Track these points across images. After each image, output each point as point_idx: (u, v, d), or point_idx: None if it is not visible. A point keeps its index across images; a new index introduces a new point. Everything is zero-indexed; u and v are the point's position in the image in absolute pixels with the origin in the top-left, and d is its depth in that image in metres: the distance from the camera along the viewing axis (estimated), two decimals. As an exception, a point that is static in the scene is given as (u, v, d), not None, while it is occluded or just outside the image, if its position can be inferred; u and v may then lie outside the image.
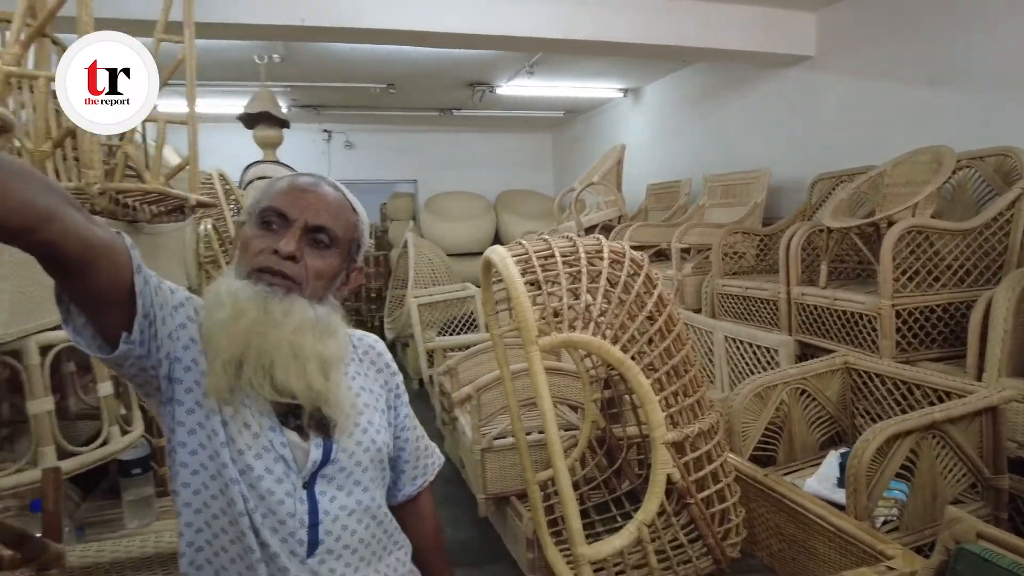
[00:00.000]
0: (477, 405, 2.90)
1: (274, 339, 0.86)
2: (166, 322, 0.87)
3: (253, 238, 0.92)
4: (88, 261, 0.73)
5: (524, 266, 1.73)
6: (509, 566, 2.74)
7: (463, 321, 5.28)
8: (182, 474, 0.89)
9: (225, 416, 0.88)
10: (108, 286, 0.77)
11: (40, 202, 0.65)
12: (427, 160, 8.12)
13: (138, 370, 0.86)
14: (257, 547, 0.87)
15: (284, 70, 4.78)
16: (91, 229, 0.73)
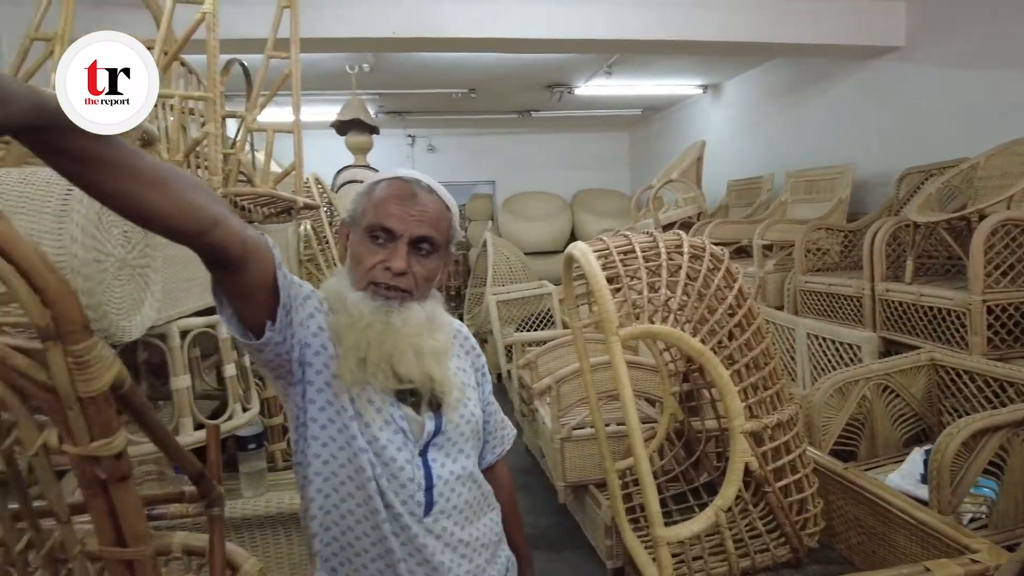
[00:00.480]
0: (556, 396, 3.01)
1: (396, 343, 0.99)
2: (298, 312, 1.00)
3: (364, 252, 1.03)
4: (243, 259, 0.85)
5: (605, 261, 1.82)
6: (587, 553, 2.84)
7: (540, 317, 5.39)
8: (313, 446, 1.02)
9: (352, 394, 1.00)
10: (258, 280, 0.89)
11: (210, 210, 0.77)
12: (505, 161, 8.29)
13: (274, 355, 0.99)
14: (383, 508, 1.00)
15: (373, 78, 5.04)
16: (246, 231, 0.86)
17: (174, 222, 0.72)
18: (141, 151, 0.71)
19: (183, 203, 0.72)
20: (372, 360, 0.99)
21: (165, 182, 0.70)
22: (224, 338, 1.78)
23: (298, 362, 1.01)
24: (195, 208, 0.74)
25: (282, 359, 0.99)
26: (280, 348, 0.97)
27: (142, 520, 0.61)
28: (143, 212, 0.69)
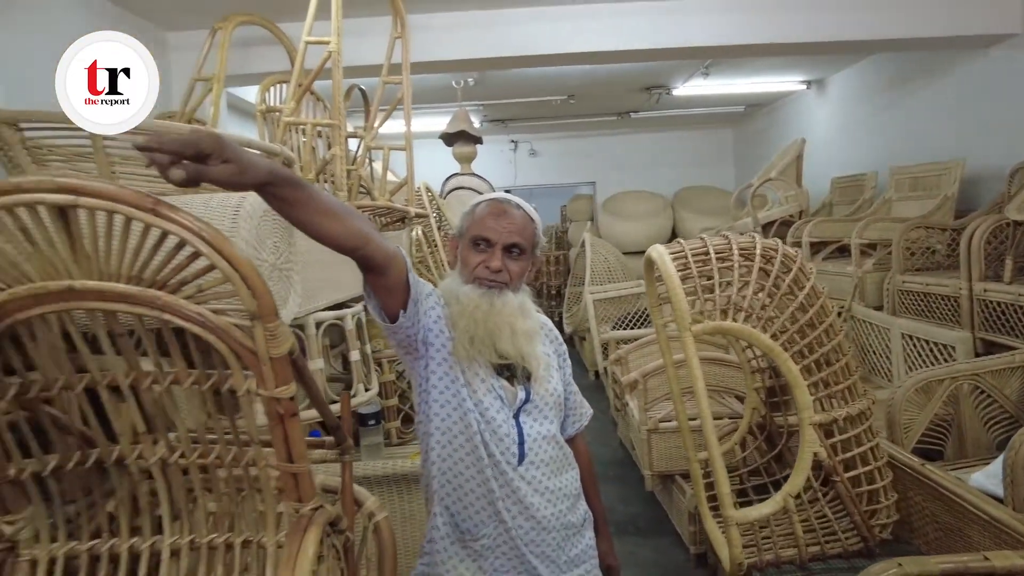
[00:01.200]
0: (643, 390, 3.18)
1: (497, 322, 1.28)
2: (423, 304, 1.29)
3: (470, 256, 1.34)
4: (386, 266, 1.14)
5: (680, 262, 1.99)
6: (673, 539, 2.99)
7: (637, 316, 5.52)
8: (433, 407, 1.31)
9: (463, 367, 1.30)
10: (395, 281, 1.19)
11: (364, 231, 1.07)
12: (605, 162, 8.43)
13: (405, 336, 1.28)
14: (486, 456, 1.28)
15: (477, 91, 5.39)
16: (387, 246, 1.16)
17: (341, 241, 1.02)
18: (323, 192, 1.01)
19: (348, 228, 1.02)
20: (479, 338, 1.28)
21: (337, 214, 1.00)
22: (350, 329, 2.11)
23: (422, 342, 1.30)
24: (355, 231, 1.04)
25: (411, 339, 1.29)
26: (410, 331, 1.27)
27: (303, 445, 0.90)
28: (322, 234, 0.99)
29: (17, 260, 0.77)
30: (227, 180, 0.79)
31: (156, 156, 0.73)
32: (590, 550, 1.43)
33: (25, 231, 0.75)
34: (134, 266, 0.79)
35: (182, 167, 0.75)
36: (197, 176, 0.76)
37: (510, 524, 1.29)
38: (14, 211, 0.73)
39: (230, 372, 0.87)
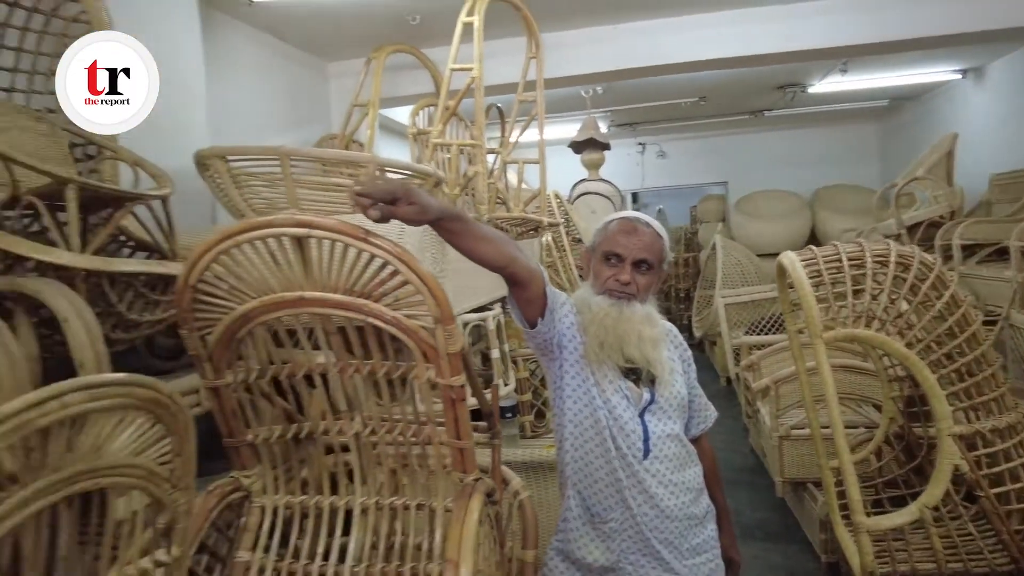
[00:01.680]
0: (775, 396, 3.16)
1: (625, 329, 1.41)
2: (558, 312, 1.46)
3: (602, 270, 1.47)
4: (528, 280, 1.32)
5: (812, 269, 2.02)
6: (803, 547, 2.97)
7: (772, 321, 5.38)
8: (567, 402, 1.46)
9: (593, 369, 1.44)
10: (535, 293, 1.36)
11: (511, 251, 1.27)
12: (737, 161, 8.22)
13: (542, 340, 1.46)
14: (614, 449, 1.42)
15: (605, 98, 5.52)
16: (530, 263, 1.35)
17: (494, 261, 1.23)
18: (479, 223, 1.21)
19: (499, 250, 1.23)
20: (608, 344, 1.42)
21: (490, 239, 1.21)
22: (491, 329, 2.34)
23: (557, 345, 1.47)
24: (504, 253, 1.25)
25: (547, 343, 1.46)
26: (547, 336, 1.44)
27: (469, 426, 1.10)
28: (480, 257, 1.20)
29: (265, 276, 1.04)
30: (412, 218, 1.04)
31: (361, 200, 0.97)
32: (712, 541, 1.52)
33: (272, 255, 1.01)
34: (348, 280, 1.02)
35: (378, 208, 0.98)
36: (390, 215, 1.00)
37: (636, 511, 1.42)
38: (266, 241, 0.99)
39: (414, 364, 1.09)
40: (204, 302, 1.06)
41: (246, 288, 1.05)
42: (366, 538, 1.22)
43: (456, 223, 1.14)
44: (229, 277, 1.03)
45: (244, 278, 1.04)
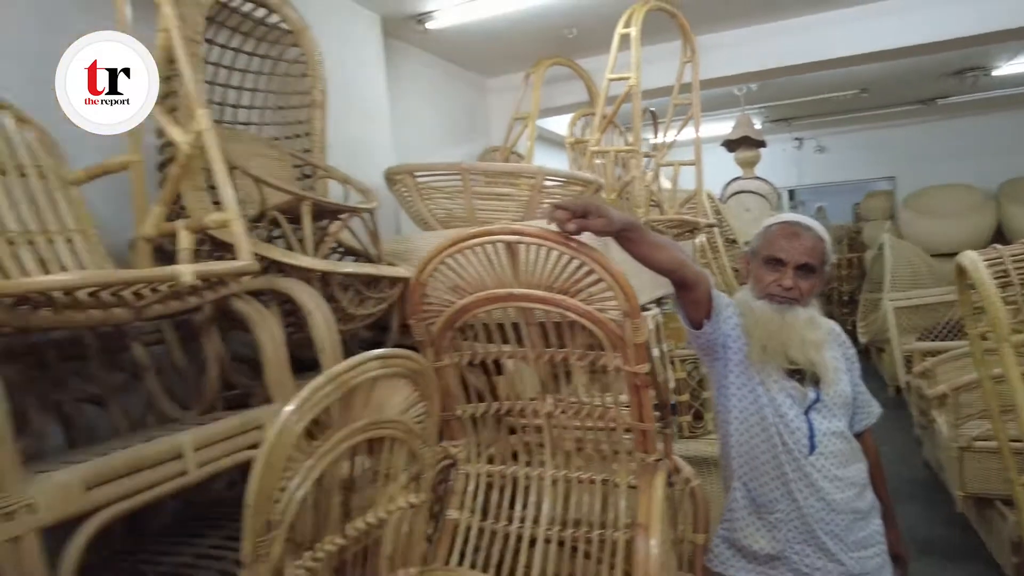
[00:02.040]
0: (954, 404, 2.97)
1: (788, 334, 1.44)
2: (722, 314, 1.53)
3: (763, 274, 1.50)
4: (696, 283, 1.41)
5: (998, 269, 1.93)
6: (987, 567, 2.76)
7: (948, 326, 4.96)
8: (732, 400, 1.52)
9: (757, 368, 1.49)
10: (701, 296, 1.43)
11: (680, 257, 1.38)
12: (906, 154, 7.60)
13: (706, 341, 1.52)
14: (780, 444, 1.46)
15: (760, 94, 5.37)
16: (696, 268, 1.44)
17: (665, 266, 1.35)
18: (652, 232, 1.34)
19: (671, 256, 1.35)
20: (771, 347, 1.47)
21: (663, 247, 1.34)
22: (651, 329, 2.44)
23: (722, 346, 1.53)
24: (675, 258, 1.36)
25: (712, 344, 1.53)
26: (711, 337, 1.51)
27: (651, 410, 1.23)
28: (653, 262, 1.32)
29: (481, 275, 1.23)
30: (601, 229, 1.19)
31: (558, 214, 1.14)
32: (877, 535, 1.53)
33: (488, 258, 1.21)
34: (550, 279, 1.20)
35: (575, 221, 1.14)
36: (583, 228, 1.16)
37: (802, 503, 1.45)
38: (484, 246, 1.19)
39: (604, 353, 1.24)
40: (429, 297, 1.29)
41: (464, 285, 1.26)
42: (556, 506, 1.39)
43: (635, 232, 1.27)
44: (452, 276, 1.24)
45: (464, 277, 1.25)
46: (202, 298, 1.36)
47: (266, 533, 0.77)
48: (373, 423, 0.92)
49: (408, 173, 2.49)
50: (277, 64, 2.35)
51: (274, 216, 1.86)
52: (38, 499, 0.97)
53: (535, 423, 1.45)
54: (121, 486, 1.09)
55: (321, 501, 0.88)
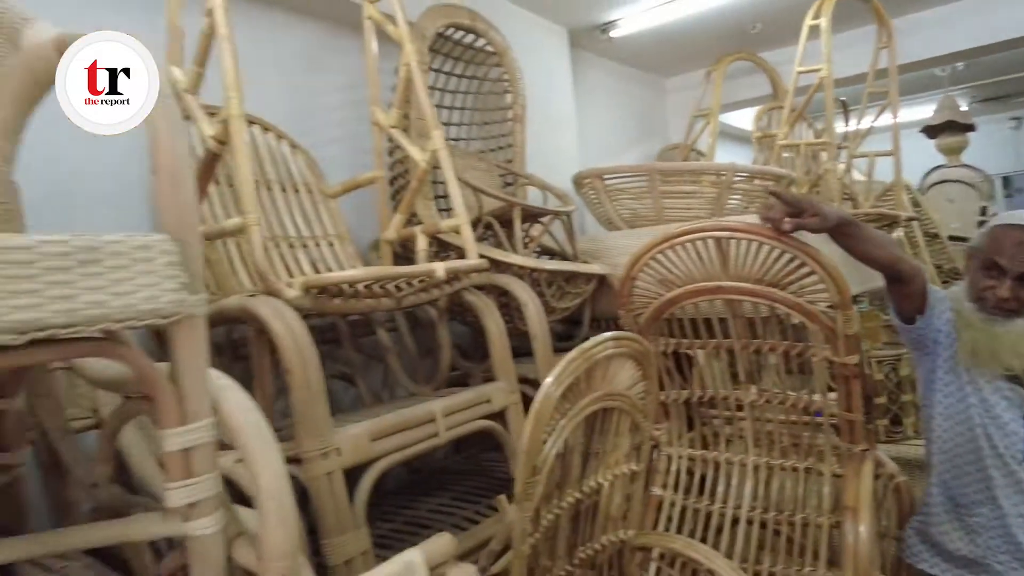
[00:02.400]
0: None
1: (999, 344, 1.36)
2: (936, 309, 1.48)
3: (979, 278, 1.40)
4: (912, 277, 1.39)
5: None
6: None
7: None
8: (938, 396, 1.47)
9: (967, 367, 1.42)
10: (916, 289, 1.41)
11: (896, 252, 1.38)
12: None
13: (917, 336, 1.48)
14: (987, 447, 1.39)
15: (966, 74, 4.87)
16: (912, 263, 1.41)
17: (883, 261, 1.36)
18: (868, 227, 1.35)
19: (888, 251, 1.36)
20: (980, 353, 1.38)
21: (880, 243, 1.35)
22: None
23: (933, 341, 1.49)
24: (892, 253, 1.37)
25: (923, 339, 1.49)
26: (922, 331, 1.48)
27: (859, 400, 1.27)
28: (871, 258, 1.34)
29: (690, 269, 1.35)
30: (816, 227, 1.24)
31: (772, 214, 1.21)
32: None
33: (698, 253, 1.31)
34: (760, 272, 1.28)
35: (788, 221, 1.20)
36: (798, 226, 1.21)
37: (1008, 511, 1.37)
38: (695, 243, 1.30)
39: (812, 344, 1.29)
40: (638, 289, 1.42)
41: (673, 279, 1.37)
42: (757, 490, 1.46)
43: (851, 228, 1.29)
44: (661, 270, 1.37)
45: (672, 271, 1.36)
46: (443, 291, 1.60)
47: (532, 477, 0.94)
48: (608, 394, 1.07)
49: (597, 176, 2.64)
50: (483, 83, 2.62)
51: (489, 220, 2.10)
52: (342, 445, 1.25)
53: (735, 414, 1.53)
54: (394, 441, 1.35)
55: (566, 458, 1.05)
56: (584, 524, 1.17)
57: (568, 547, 1.12)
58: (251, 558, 0.79)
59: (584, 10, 3.11)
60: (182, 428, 0.70)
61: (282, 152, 1.94)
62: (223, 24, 1.27)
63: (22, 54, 0.78)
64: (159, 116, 0.70)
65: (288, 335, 1.20)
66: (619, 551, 1.23)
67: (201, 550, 0.76)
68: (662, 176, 2.46)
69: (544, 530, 1.01)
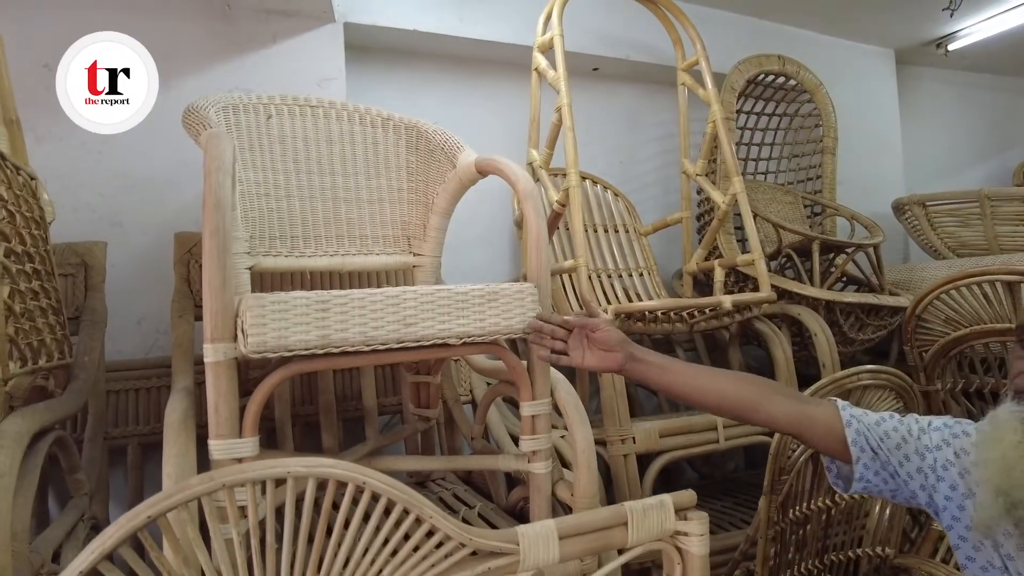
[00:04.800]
0: None
1: None
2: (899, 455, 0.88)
3: (1016, 359, 0.89)
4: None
5: None
6: None
7: None
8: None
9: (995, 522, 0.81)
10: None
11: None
12: None
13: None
14: None
15: None
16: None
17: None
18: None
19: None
20: (1014, 493, 0.79)
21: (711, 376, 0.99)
22: None
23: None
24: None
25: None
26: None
27: None
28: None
29: (977, 309, 1.38)
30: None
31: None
32: None
33: (985, 295, 1.34)
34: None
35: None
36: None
37: None
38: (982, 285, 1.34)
39: None
40: (925, 327, 1.48)
41: (959, 319, 1.41)
42: None
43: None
44: (947, 310, 1.42)
45: (958, 311, 1.41)
46: (732, 319, 1.85)
47: (779, 476, 1.16)
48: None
49: (918, 203, 2.55)
50: (793, 119, 2.75)
51: (788, 253, 2.26)
52: (637, 435, 1.61)
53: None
54: (679, 440, 1.66)
55: (818, 468, 1.23)
56: (837, 532, 1.32)
57: (820, 548, 1.28)
58: (567, 495, 1.19)
59: (914, 30, 2.97)
60: (533, 402, 1.12)
61: (607, 199, 2.38)
62: (568, 117, 1.74)
63: (456, 170, 1.31)
64: (528, 199, 1.13)
65: (601, 347, 1.61)
66: (878, 567, 1.33)
67: (537, 484, 1.18)
68: (992, 201, 2.28)
69: (791, 524, 1.21)
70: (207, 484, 0.66)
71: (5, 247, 0.94)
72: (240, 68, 1.83)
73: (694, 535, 0.89)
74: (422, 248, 1.43)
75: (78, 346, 1.35)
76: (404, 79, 2.26)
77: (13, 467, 0.88)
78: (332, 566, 0.72)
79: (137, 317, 1.73)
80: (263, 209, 1.29)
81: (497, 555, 0.79)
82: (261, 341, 0.86)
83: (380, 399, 1.74)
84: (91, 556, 0.62)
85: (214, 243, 0.87)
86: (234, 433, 0.89)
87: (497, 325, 1.03)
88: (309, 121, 1.38)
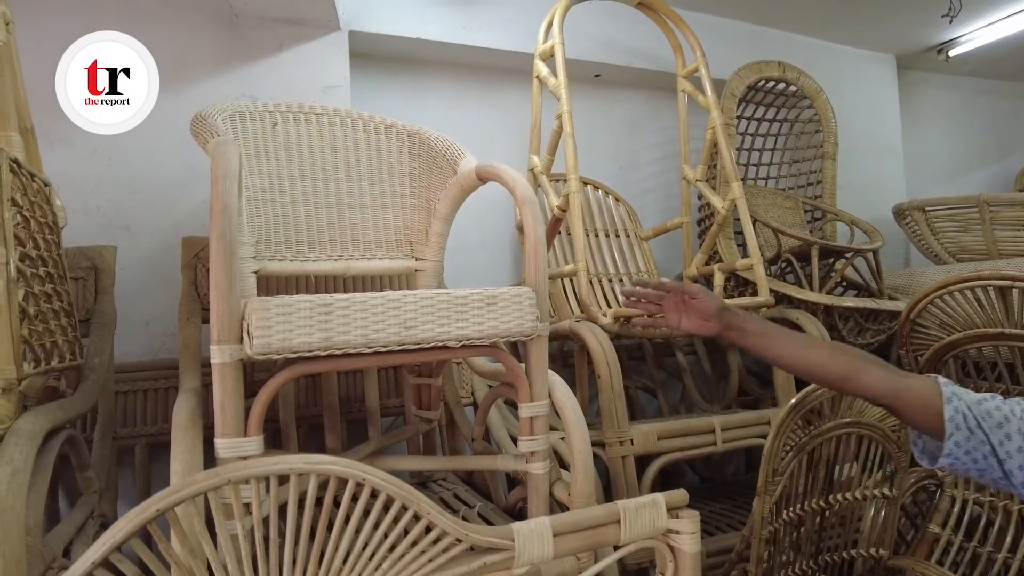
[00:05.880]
0: None
1: None
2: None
3: None
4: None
5: None
6: None
7: None
8: None
9: None
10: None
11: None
12: None
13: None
14: None
15: None
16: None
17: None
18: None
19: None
20: None
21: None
22: None
23: None
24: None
25: None
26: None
27: None
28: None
29: (970, 314, 1.39)
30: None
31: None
32: None
33: (978, 300, 1.36)
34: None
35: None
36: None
37: None
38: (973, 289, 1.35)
39: None
40: (920, 331, 1.50)
41: (953, 323, 1.43)
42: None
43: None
44: (940, 314, 1.44)
45: (952, 315, 1.42)
46: (730, 322, 1.87)
47: (772, 477, 1.19)
48: (855, 423, 1.24)
49: (918, 208, 2.56)
50: (794, 125, 2.77)
51: (788, 257, 2.28)
52: (635, 438, 1.63)
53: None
54: (676, 442, 1.68)
55: (812, 470, 1.25)
56: (831, 533, 1.34)
57: (814, 550, 1.31)
58: (565, 495, 1.22)
59: (915, 36, 2.98)
60: (531, 404, 1.15)
61: (608, 204, 2.41)
62: (568, 124, 1.76)
63: (457, 177, 1.34)
64: (526, 205, 1.16)
65: (600, 351, 1.63)
66: (872, 569, 1.35)
67: (535, 483, 1.20)
68: (992, 207, 2.29)
69: (785, 525, 1.24)
70: (213, 479, 0.69)
71: (20, 251, 0.98)
72: (247, 76, 1.87)
73: (686, 533, 0.92)
74: (424, 253, 1.46)
75: (88, 348, 1.39)
76: (408, 86, 2.29)
77: (27, 463, 0.91)
78: (333, 560, 0.75)
79: (145, 319, 1.77)
80: (269, 214, 1.32)
81: (493, 551, 0.82)
82: (266, 343, 0.89)
83: (383, 401, 1.77)
84: (103, 547, 0.65)
85: (221, 247, 0.90)
86: (239, 432, 0.92)
87: (495, 328, 1.06)
88: (314, 128, 1.42)
